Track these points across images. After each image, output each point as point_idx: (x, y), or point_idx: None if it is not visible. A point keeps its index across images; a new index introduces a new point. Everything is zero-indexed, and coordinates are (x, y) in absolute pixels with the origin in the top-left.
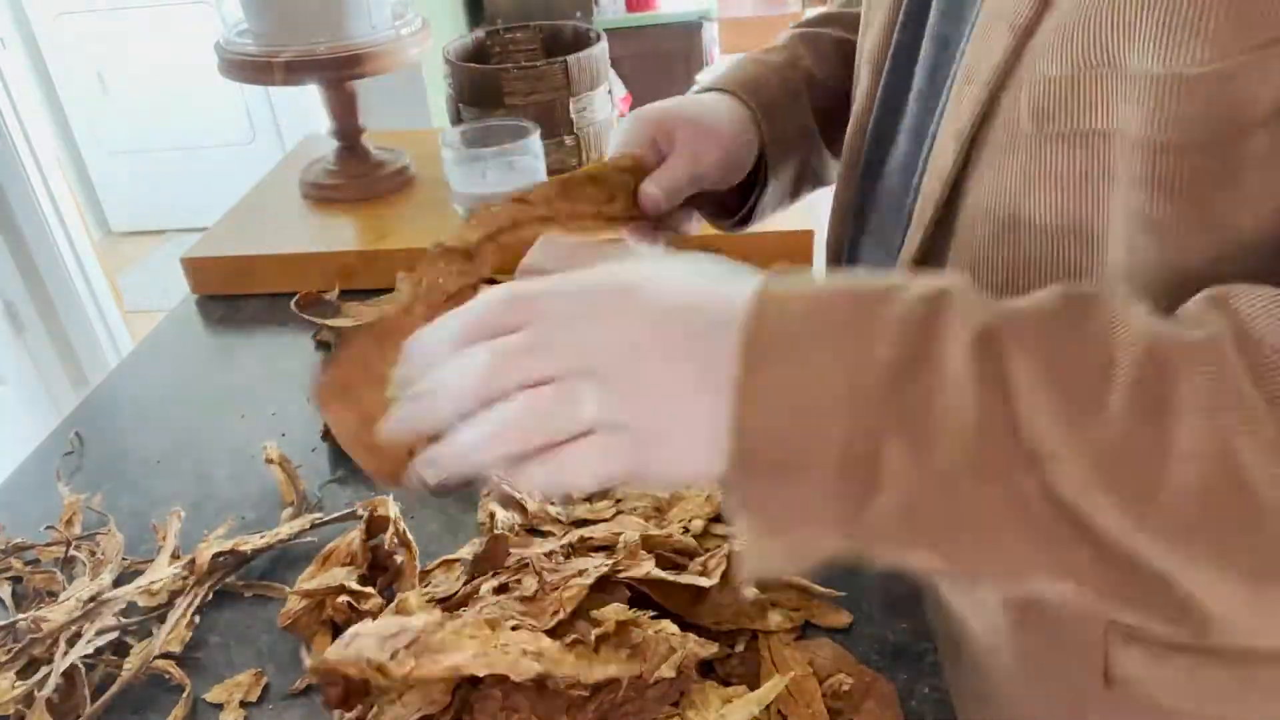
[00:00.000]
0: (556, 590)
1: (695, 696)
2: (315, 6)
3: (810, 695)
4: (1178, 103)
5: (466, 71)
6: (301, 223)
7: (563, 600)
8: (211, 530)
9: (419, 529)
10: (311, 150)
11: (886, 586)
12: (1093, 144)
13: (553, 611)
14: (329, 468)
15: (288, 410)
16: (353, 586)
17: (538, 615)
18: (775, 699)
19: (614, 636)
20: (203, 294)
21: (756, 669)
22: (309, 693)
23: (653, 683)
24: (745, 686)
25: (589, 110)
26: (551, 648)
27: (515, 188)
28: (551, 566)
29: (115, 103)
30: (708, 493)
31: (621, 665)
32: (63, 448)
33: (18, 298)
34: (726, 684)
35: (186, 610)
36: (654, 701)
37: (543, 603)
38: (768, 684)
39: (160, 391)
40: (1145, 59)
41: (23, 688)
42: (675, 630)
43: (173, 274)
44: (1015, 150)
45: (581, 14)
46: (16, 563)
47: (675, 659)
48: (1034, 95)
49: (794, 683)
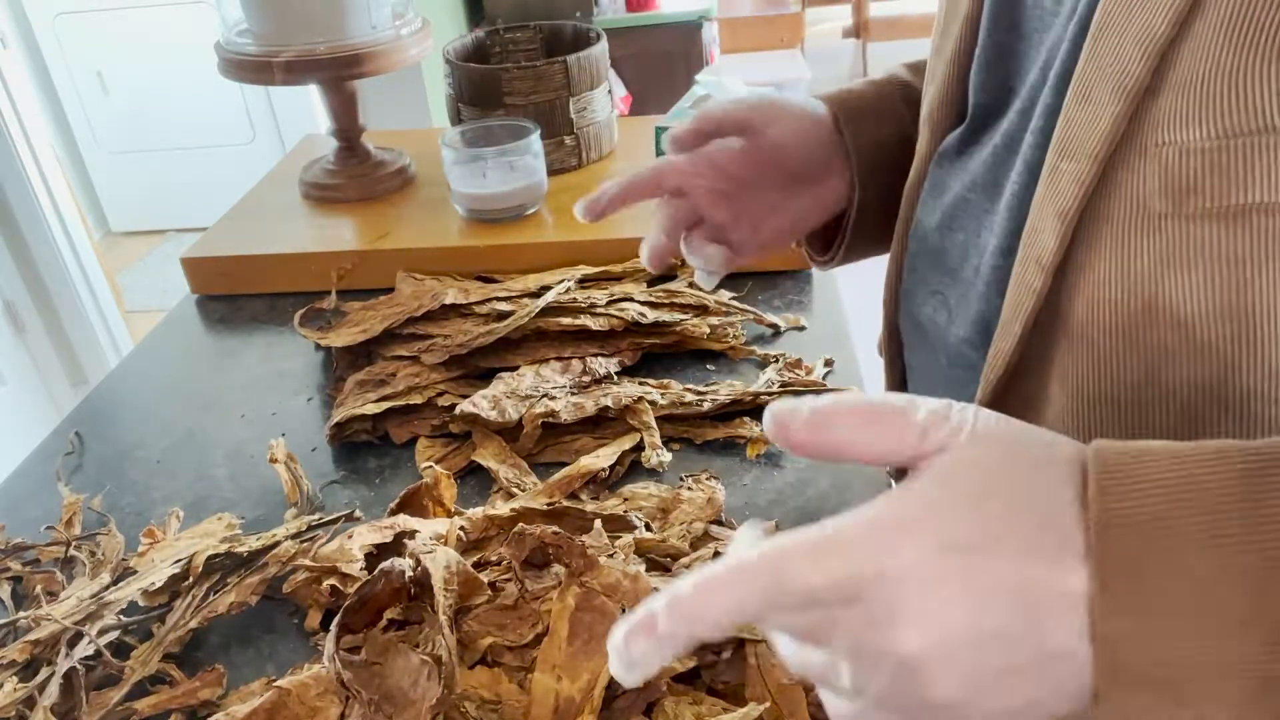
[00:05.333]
0: (537, 600)
1: (666, 707)
2: (315, 6)
3: (795, 704)
4: None
5: (466, 71)
6: (301, 223)
7: (541, 613)
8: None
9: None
10: (311, 150)
11: None
12: (1252, 221)
13: (531, 623)
14: (330, 468)
15: (288, 410)
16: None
17: (516, 627)
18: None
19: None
20: (202, 294)
21: (743, 676)
22: None
23: (619, 693)
24: (723, 701)
25: (589, 110)
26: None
27: (514, 188)
28: (534, 575)
29: (115, 103)
30: (709, 495)
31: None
32: (63, 448)
33: (18, 298)
34: (712, 691)
35: (186, 610)
36: (620, 712)
37: (521, 612)
38: (741, 711)
39: (160, 391)
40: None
41: (24, 690)
42: None
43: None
44: (1145, 231)
45: (581, 14)
46: (16, 563)
47: None
48: (1166, 168)
49: (780, 691)
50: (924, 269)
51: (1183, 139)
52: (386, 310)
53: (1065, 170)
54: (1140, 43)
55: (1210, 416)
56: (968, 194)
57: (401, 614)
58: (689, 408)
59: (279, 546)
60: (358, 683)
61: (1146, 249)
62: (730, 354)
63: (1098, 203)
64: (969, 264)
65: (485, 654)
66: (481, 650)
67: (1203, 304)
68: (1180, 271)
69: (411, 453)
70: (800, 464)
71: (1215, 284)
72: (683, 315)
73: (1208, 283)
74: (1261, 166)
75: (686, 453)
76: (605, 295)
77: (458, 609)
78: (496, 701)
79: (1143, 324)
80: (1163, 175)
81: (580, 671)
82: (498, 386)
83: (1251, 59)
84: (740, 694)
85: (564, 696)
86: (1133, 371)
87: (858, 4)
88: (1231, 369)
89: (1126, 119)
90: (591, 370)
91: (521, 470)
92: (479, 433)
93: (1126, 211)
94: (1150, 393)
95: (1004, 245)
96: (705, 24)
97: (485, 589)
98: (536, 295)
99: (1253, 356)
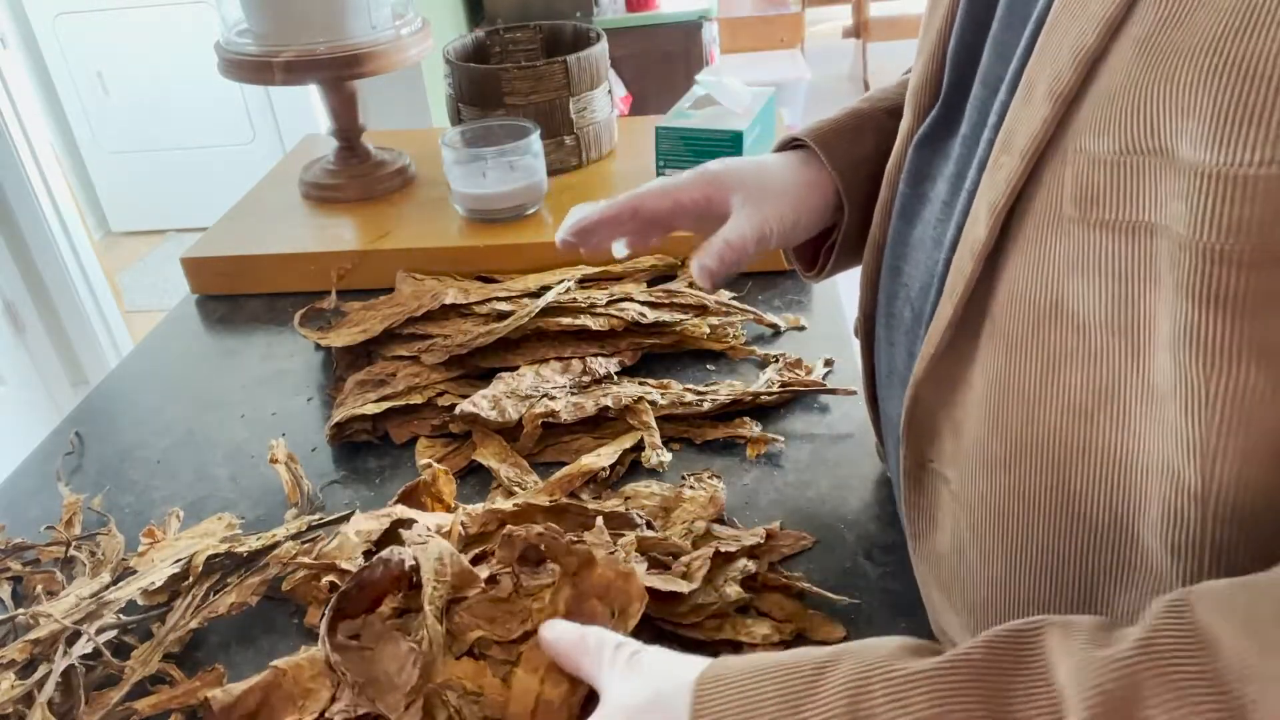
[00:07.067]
0: (530, 596)
1: None
2: (315, 6)
3: None
4: (1232, 205)
5: (466, 71)
6: (301, 223)
7: (533, 610)
8: (211, 530)
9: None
10: (311, 150)
11: (886, 585)
12: (1139, 238)
13: (521, 619)
14: (330, 468)
15: (288, 410)
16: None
17: (506, 621)
18: None
19: None
20: (202, 294)
21: None
22: None
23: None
24: None
25: (589, 110)
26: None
27: (514, 188)
28: (531, 571)
29: (115, 103)
30: (711, 494)
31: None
32: (63, 448)
33: (18, 298)
34: None
35: (186, 610)
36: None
37: (513, 607)
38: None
39: (160, 391)
40: (1198, 149)
41: (22, 688)
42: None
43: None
44: (1057, 233)
45: (581, 14)
46: (16, 563)
47: None
48: (1078, 175)
49: None
50: (896, 256)
51: (1093, 149)
52: (386, 310)
53: (1003, 164)
54: (1074, 51)
55: (1098, 421)
56: (939, 183)
57: (403, 602)
58: (689, 408)
59: (279, 547)
60: (345, 665)
61: (1058, 251)
62: (730, 354)
63: (1024, 200)
64: (930, 253)
65: (473, 646)
66: (469, 642)
67: (1098, 312)
68: (1081, 277)
69: (411, 453)
70: (800, 464)
71: (1110, 294)
72: (683, 315)
73: (1104, 292)
74: (1151, 187)
75: (686, 452)
76: (605, 295)
77: (451, 600)
78: (478, 693)
79: (1048, 321)
80: (1075, 181)
81: (563, 677)
82: (498, 386)
83: (1157, 79)
84: None
85: (544, 699)
86: (1036, 365)
87: (858, 4)
88: (1119, 379)
89: (1055, 123)
90: (591, 370)
91: (522, 469)
92: (479, 432)
93: (1045, 212)
94: (1049, 389)
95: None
96: (705, 24)
97: (478, 581)
98: (536, 295)
99: (1136, 370)
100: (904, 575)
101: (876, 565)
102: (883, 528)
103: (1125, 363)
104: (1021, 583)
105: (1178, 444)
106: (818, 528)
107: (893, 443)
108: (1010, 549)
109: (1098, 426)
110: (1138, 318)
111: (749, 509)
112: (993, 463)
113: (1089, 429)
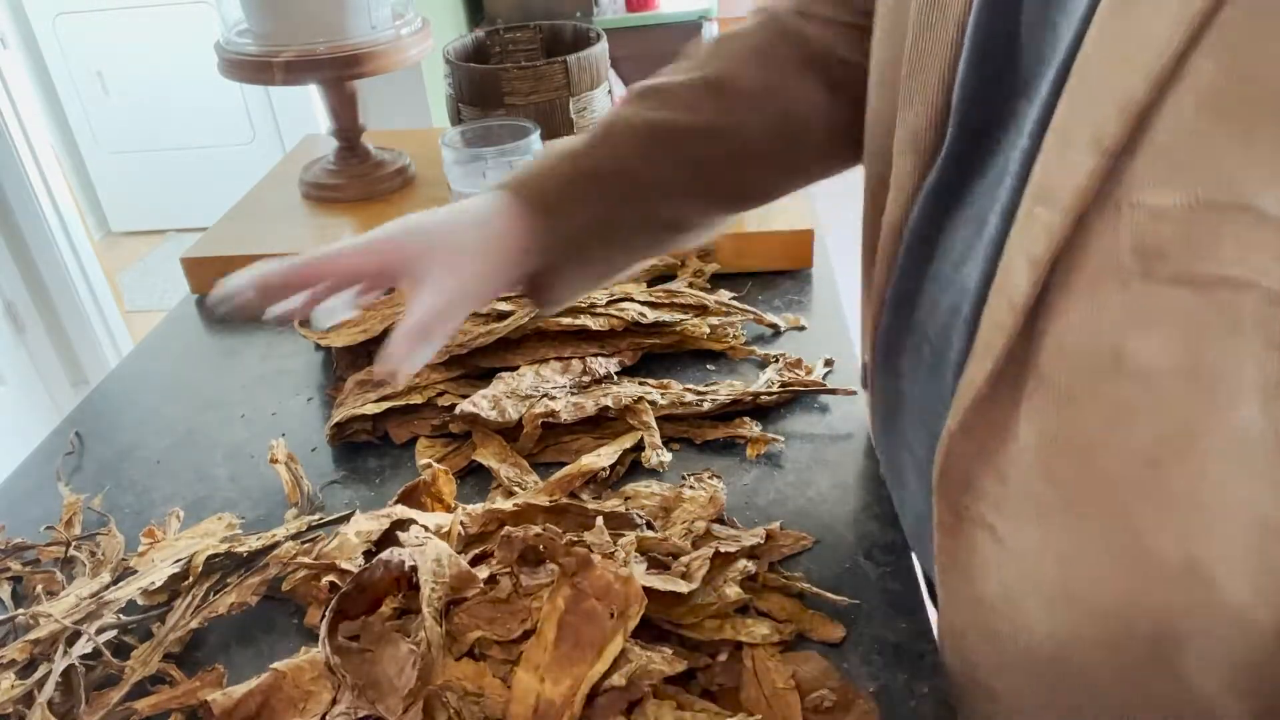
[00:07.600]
0: (529, 596)
1: (648, 710)
2: (315, 6)
3: (789, 709)
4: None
5: (466, 71)
6: (301, 222)
7: (532, 610)
8: (211, 530)
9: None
10: (311, 150)
11: (886, 585)
12: (1218, 293)
13: (521, 619)
14: (330, 468)
15: (288, 410)
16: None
17: (505, 622)
18: (753, 709)
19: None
20: (203, 294)
21: (738, 679)
22: None
23: (600, 691)
24: (714, 705)
25: (589, 110)
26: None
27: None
28: (530, 571)
29: (115, 103)
30: (711, 494)
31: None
32: (63, 448)
33: (18, 298)
34: (707, 693)
35: (186, 610)
36: (600, 710)
37: (513, 607)
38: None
39: (160, 391)
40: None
41: (22, 688)
42: (635, 643)
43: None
44: (1113, 286)
45: (581, 14)
46: (16, 563)
47: (628, 669)
48: (1137, 228)
49: (775, 695)
50: (903, 302)
51: (1155, 202)
52: (386, 310)
53: (1038, 215)
54: (1120, 103)
55: (1169, 467)
56: (957, 229)
57: (404, 603)
58: (689, 408)
59: (279, 547)
60: (346, 668)
61: (1115, 303)
62: (730, 354)
63: (1070, 252)
64: (951, 297)
65: (473, 646)
66: (469, 643)
67: (1165, 361)
68: (1145, 329)
69: (411, 453)
70: (800, 464)
71: (1179, 345)
72: (683, 315)
73: (1171, 343)
74: (1231, 241)
75: (686, 452)
76: (605, 295)
77: (450, 600)
78: (479, 694)
79: (1107, 373)
80: (1134, 235)
81: (564, 676)
82: (498, 386)
83: (1228, 130)
84: (735, 697)
85: (544, 699)
86: (1095, 417)
87: None
88: (1193, 427)
89: (1102, 176)
90: (591, 370)
91: (522, 470)
92: (479, 432)
93: (1098, 264)
94: (1111, 440)
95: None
96: (705, 24)
97: (477, 582)
98: None
99: (1213, 418)
100: (904, 575)
101: (876, 565)
102: (883, 528)
103: (1200, 412)
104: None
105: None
106: (818, 528)
107: (914, 475)
108: (1075, 597)
109: (1168, 473)
110: (1213, 368)
111: (749, 509)
112: (1047, 511)
113: (1157, 476)
